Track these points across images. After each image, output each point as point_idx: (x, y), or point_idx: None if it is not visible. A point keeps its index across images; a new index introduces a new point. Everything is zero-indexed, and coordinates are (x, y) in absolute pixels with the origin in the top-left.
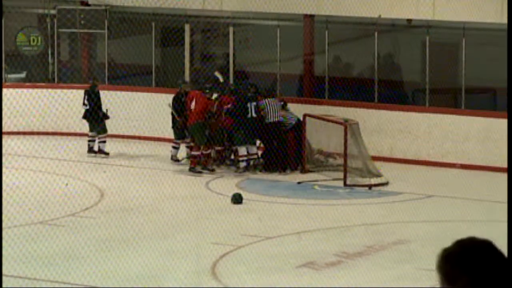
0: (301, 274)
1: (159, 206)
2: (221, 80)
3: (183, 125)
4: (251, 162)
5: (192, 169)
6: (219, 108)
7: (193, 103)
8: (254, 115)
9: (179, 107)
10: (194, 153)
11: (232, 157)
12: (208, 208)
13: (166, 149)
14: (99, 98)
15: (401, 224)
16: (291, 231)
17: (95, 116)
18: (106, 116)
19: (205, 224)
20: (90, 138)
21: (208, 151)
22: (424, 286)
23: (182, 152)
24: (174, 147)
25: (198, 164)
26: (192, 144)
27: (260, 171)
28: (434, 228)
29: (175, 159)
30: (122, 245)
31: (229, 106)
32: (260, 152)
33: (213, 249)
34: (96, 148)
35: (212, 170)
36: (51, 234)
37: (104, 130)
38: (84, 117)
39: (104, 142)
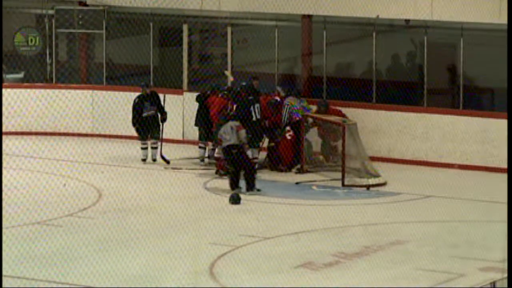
0: (299, 274)
1: (157, 206)
2: (231, 79)
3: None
4: (256, 166)
5: (217, 172)
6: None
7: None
8: (258, 117)
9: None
10: (217, 155)
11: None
12: (206, 208)
13: (164, 149)
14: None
15: (399, 224)
16: (289, 232)
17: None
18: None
19: (203, 224)
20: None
21: None
22: (422, 287)
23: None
24: (200, 147)
25: (221, 167)
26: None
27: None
28: (432, 228)
29: (201, 160)
30: (120, 246)
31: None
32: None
33: (211, 249)
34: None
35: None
36: (49, 235)
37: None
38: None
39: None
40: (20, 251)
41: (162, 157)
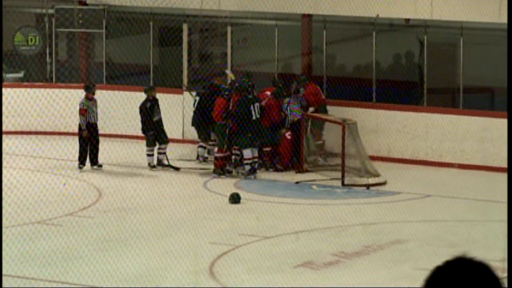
0: (299, 274)
1: (157, 205)
2: (232, 78)
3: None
4: (256, 165)
5: (215, 171)
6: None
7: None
8: (258, 116)
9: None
10: (217, 155)
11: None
12: (206, 207)
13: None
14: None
15: (399, 223)
16: (289, 231)
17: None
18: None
19: (203, 224)
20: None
21: (227, 153)
22: (422, 287)
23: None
24: (200, 146)
25: (221, 167)
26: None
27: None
28: (432, 227)
29: (201, 159)
30: (120, 245)
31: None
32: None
33: (211, 248)
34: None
35: (230, 172)
36: (49, 234)
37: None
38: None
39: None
40: (20, 251)
41: (172, 166)
